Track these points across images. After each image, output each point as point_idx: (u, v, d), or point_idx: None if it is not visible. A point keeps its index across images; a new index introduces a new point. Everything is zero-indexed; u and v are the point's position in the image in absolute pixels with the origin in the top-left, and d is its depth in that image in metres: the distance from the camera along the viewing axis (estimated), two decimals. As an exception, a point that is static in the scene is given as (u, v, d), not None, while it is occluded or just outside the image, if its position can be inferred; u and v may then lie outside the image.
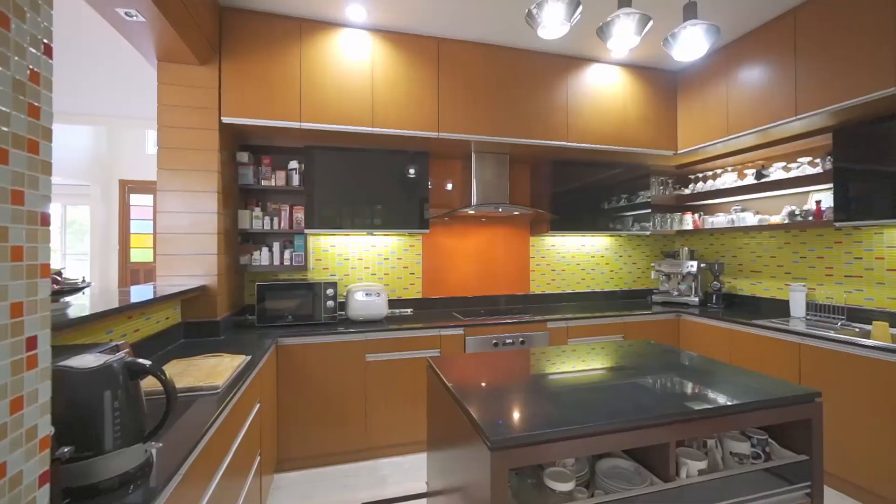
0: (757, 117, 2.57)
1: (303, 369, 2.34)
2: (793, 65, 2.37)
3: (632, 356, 1.76)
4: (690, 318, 2.99)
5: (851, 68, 2.10)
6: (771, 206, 3.01)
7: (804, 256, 2.81)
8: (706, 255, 3.55)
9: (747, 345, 2.57)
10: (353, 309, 2.60)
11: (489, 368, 1.60)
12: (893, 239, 2.36)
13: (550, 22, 1.52)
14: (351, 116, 2.49)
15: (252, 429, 1.68)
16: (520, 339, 2.67)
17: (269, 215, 2.71)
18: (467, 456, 1.19)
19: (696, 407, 1.20)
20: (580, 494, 1.14)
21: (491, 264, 3.30)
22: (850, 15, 2.11)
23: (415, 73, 2.60)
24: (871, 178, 2.20)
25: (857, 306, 2.52)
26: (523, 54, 2.81)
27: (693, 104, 3.03)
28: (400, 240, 3.10)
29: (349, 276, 2.99)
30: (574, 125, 2.90)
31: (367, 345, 2.43)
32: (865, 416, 2.01)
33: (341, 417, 2.40)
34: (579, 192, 3.17)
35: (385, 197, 2.75)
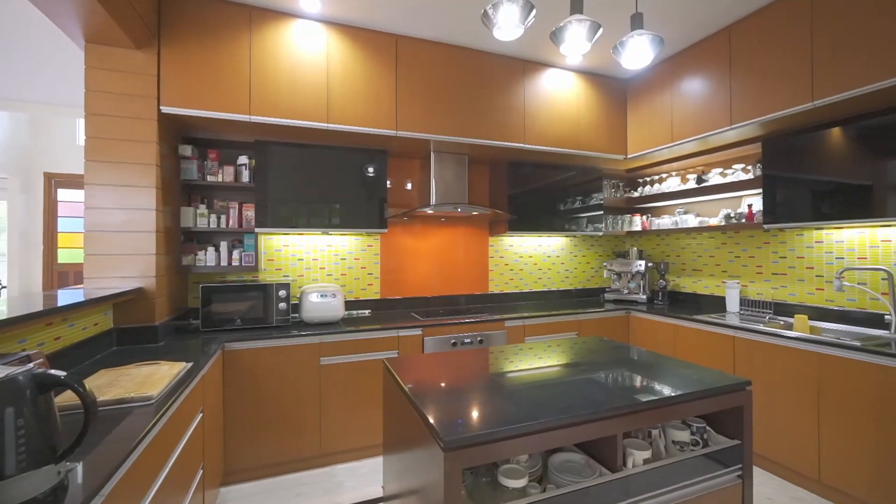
0: (697, 125, 2.75)
1: (252, 375, 2.22)
2: (728, 78, 2.56)
3: (584, 353, 1.82)
4: (639, 314, 3.14)
5: (776, 84, 2.30)
6: (710, 209, 3.22)
7: (738, 256, 3.04)
8: (653, 255, 3.75)
9: (689, 339, 2.74)
10: (308, 311, 2.51)
11: (446, 368, 1.59)
12: (812, 240, 2.60)
13: (506, 23, 1.53)
14: (305, 111, 2.40)
15: (193, 440, 1.57)
16: (478, 339, 2.69)
17: (216, 213, 2.55)
18: (422, 457, 1.17)
19: (642, 399, 1.26)
20: (533, 490, 1.16)
21: (450, 264, 3.30)
22: (775, 36, 2.30)
23: (373, 70, 2.55)
24: (794, 184, 2.41)
25: (783, 301, 2.75)
26: (482, 56, 2.83)
27: (641, 111, 3.19)
28: (358, 239, 3.03)
29: (304, 277, 2.88)
30: (531, 128, 2.96)
31: (322, 347, 2.35)
32: (788, 400, 2.20)
33: (295, 424, 2.31)
34: (536, 193, 3.24)
35: (342, 195, 2.68)
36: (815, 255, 2.59)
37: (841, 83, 2.02)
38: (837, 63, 2.04)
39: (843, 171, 2.20)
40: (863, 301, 2.37)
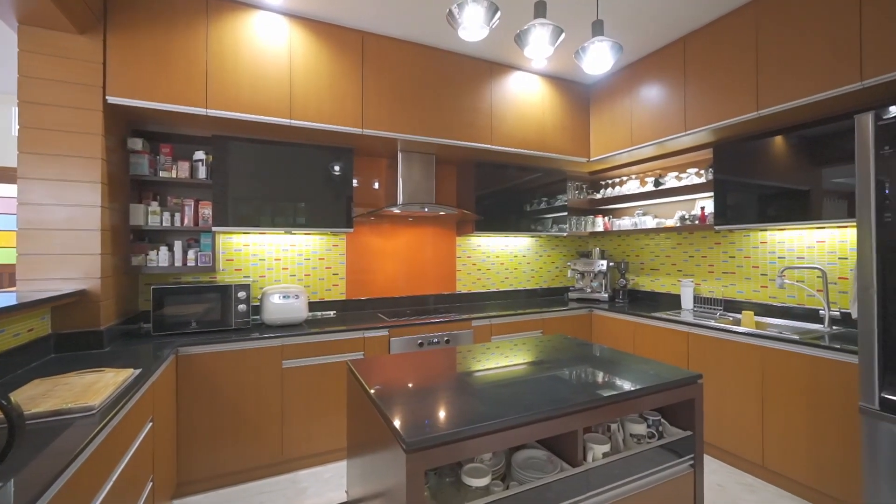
0: (655, 131, 2.87)
1: (209, 380, 2.12)
2: (683, 86, 2.69)
3: (548, 351, 1.86)
4: (601, 312, 3.24)
5: (726, 93, 2.43)
6: (666, 211, 3.38)
7: (692, 256, 3.20)
8: (615, 255, 3.89)
9: (647, 335, 2.86)
10: (269, 312, 2.42)
11: (411, 369, 1.58)
12: (757, 240, 2.78)
13: (470, 24, 1.54)
14: (266, 106, 2.32)
15: (142, 451, 1.48)
16: (445, 339, 2.69)
17: (170, 211, 2.42)
18: (385, 460, 1.15)
19: (601, 395, 1.29)
20: (496, 488, 1.17)
21: (418, 264, 3.29)
22: (725, 48, 2.43)
23: (338, 67, 2.50)
24: (742, 188, 2.56)
25: (732, 298, 2.92)
26: (449, 56, 2.84)
27: (603, 116, 3.29)
28: (322, 239, 2.96)
29: (265, 278, 2.78)
30: (498, 129, 2.99)
31: (285, 350, 2.28)
32: (736, 392, 2.33)
33: (255, 430, 2.22)
34: (503, 194, 3.28)
35: (307, 194, 2.61)
36: (760, 254, 2.76)
37: (782, 94, 2.17)
38: (779, 76, 2.18)
39: (785, 177, 2.36)
40: (801, 297, 2.55)
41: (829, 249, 2.42)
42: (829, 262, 2.42)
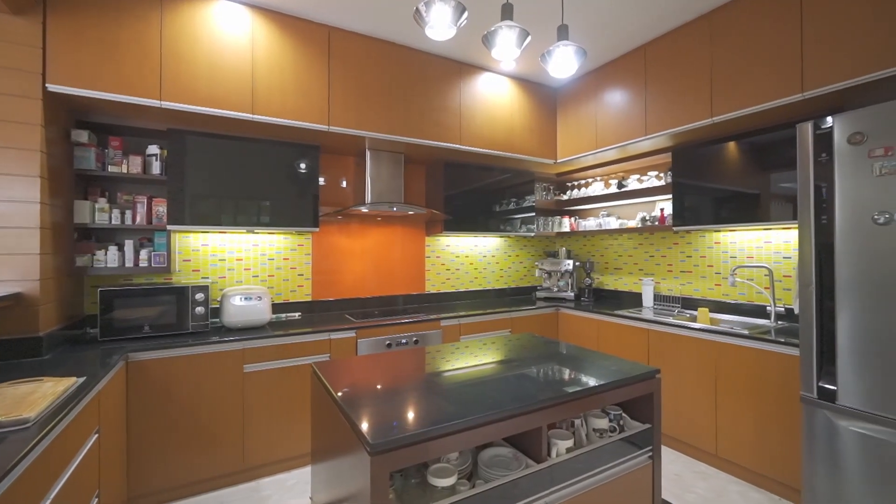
0: (618, 134, 2.97)
1: (164, 387, 2.01)
2: (644, 92, 2.79)
3: (516, 349, 1.88)
4: (567, 311, 3.32)
5: (683, 100, 2.55)
6: (629, 213, 3.50)
7: (652, 255, 3.33)
8: (580, 255, 3.99)
9: (611, 332, 2.95)
10: (230, 315, 2.32)
11: (377, 370, 1.56)
12: (712, 241, 2.93)
13: (438, 23, 1.53)
14: (227, 100, 2.22)
15: (86, 465, 1.38)
16: (413, 339, 2.67)
17: (120, 208, 2.28)
18: (349, 463, 1.13)
19: (565, 392, 1.32)
20: (462, 487, 1.17)
21: (386, 264, 3.25)
22: (682, 57, 2.55)
23: (303, 61, 2.43)
24: (698, 191, 2.69)
25: (689, 296, 3.06)
26: (419, 55, 2.82)
27: (569, 119, 3.37)
28: (287, 239, 2.87)
29: (226, 279, 2.67)
30: (467, 129, 3.01)
31: (246, 354, 2.19)
32: (692, 385, 2.45)
33: (214, 437, 2.12)
34: (472, 194, 3.30)
35: (270, 192, 2.52)
36: (714, 254, 2.91)
37: (733, 103, 2.29)
38: (731, 85, 2.31)
39: (737, 181, 2.50)
40: (751, 295, 2.71)
41: (776, 249, 2.58)
42: (776, 261, 2.58)
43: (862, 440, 1.67)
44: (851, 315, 1.70)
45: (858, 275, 1.68)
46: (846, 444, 1.71)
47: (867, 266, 1.66)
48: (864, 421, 1.66)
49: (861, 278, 1.67)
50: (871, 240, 1.65)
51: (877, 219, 1.64)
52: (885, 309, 1.61)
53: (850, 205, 1.70)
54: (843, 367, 1.72)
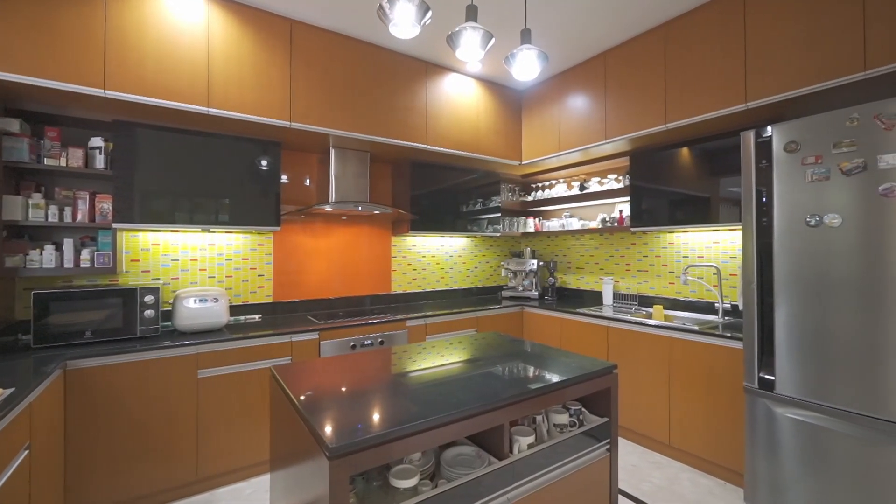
0: (580, 138, 3.06)
1: (108, 396, 1.88)
2: (604, 97, 2.89)
3: (481, 348, 1.89)
4: (531, 310, 3.39)
5: (640, 106, 2.66)
6: (590, 214, 3.62)
7: (612, 255, 3.46)
8: (544, 255, 4.09)
9: (573, 330, 3.04)
10: (183, 318, 2.20)
11: (339, 372, 1.52)
12: (667, 241, 3.07)
13: (402, 21, 1.52)
14: (180, 92, 2.11)
15: (14, 484, 1.26)
16: (379, 340, 2.64)
17: (58, 204, 2.11)
18: (308, 469, 1.10)
19: (527, 388, 1.34)
20: (424, 487, 1.16)
21: (351, 264, 3.20)
22: (638, 65, 2.66)
23: (264, 55, 2.35)
24: (654, 194, 2.82)
25: (646, 294, 3.20)
26: (385, 53, 2.79)
27: (534, 121, 3.44)
28: (246, 238, 2.76)
29: (179, 281, 2.53)
30: (433, 129, 3.00)
31: (201, 359, 2.09)
32: (648, 379, 2.56)
33: (165, 448, 2.01)
34: (439, 194, 3.30)
35: (228, 189, 2.42)
36: (668, 254, 3.06)
37: (685, 110, 2.42)
38: (683, 93, 2.43)
39: (690, 185, 2.63)
40: (701, 292, 2.87)
41: (724, 249, 2.75)
42: (723, 260, 2.74)
43: (797, 426, 1.80)
44: (787, 310, 1.83)
45: (793, 273, 1.82)
46: (783, 430, 1.84)
47: (800, 265, 1.80)
48: (799, 408, 1.80)
49: (795, 276, 1.81)
50: (804, 241, 1.79)
51: (808, 221, 1.77)
52: (816, 304, 1.75)
53: (787, 208, 1.84)
54: (781, 359, 1.85)
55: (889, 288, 1.58)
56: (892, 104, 1.58)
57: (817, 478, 1.74)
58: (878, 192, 1.60)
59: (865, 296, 1.63)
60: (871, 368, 1.61)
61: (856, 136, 1.66)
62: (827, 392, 1.72)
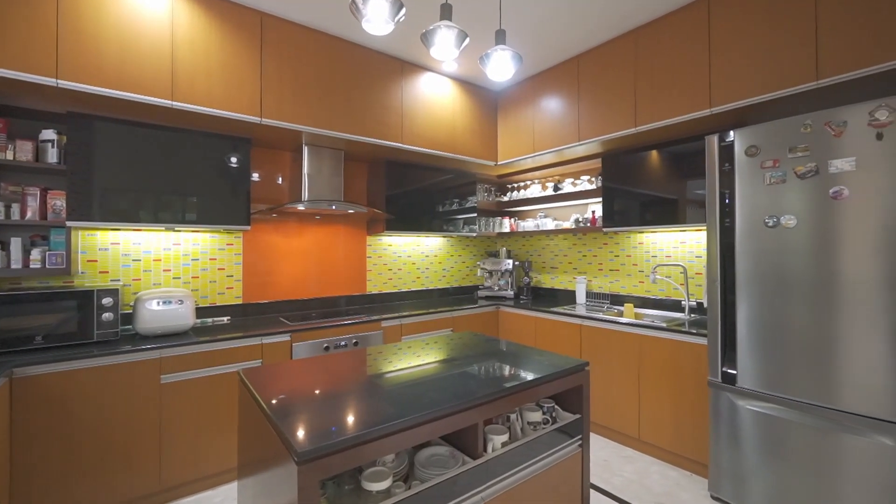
0: (554, 139, 3.11)
1: (61, 405, 1.77)
2: (577, 100, 2.95)
3: (457, 348, 1.89)
4: (507, 309, 3.42)
5: (611, 109, 2.73)
6: (564, 214, 3.68)
7: (585, 255, 3.53)
8: (520, 255, 4.13)
9: (547, 329, 3.08)
10: (145, 321, 2.10)
11: (311, 374, 1.49)
12: (637, 241, 3.16)
13: (375, 17, 1.50)
14: (141, 83, 2.01)
15: (-48, 502, 1.17)
16: (353, 341, 2.60)
17: (5, 200, 1.98)
18: (277, 476, 1.06)
19: (500, 387, 1.35)
20: (397, 490, 1.15)
21: (325, 265, 3.14)
22: (610, 70, 2.73)
23: (232, 48, 2.27)
24: (625, 195, 2.90)
25: (617, 293, 3.28)
26: (360, 50, 2.75)
27: (509, 122, 3.48)
28: (214, 237, 2.67)
29: (141, 282, 2.41)
30: (409, 128, 2.98)
31: (164, 363, 2.00)
32: (619, 375, 2.63)
33: (125, 458, 1.91)
34: (415, 194, 3.28)
35: (195, 186, 2.32)
36: (638, 253, 3.15)
37: (654, 114, 2.49)
38: (652, 98, 2.51)
39: (659, 186, 2.72)
40: (669, 291, 2.97)
41: (690, 249, 2.85)
42: (690, 259, 2.84)
43: (757, 417, 1.89)
44: (748, 307, 1.92)
45: (753, 271, 1.90)
46: (744, 422, 1.92)
47: (760, 264, 1.88)
48: (759, 400, 1.88)
49: (755, 274, 1.90)
50: (763, 241, 1.87)
51: (767, 222, 1.86)
52: (774, 301, 1.84)
53: (747, 209, 1.92)
54: (742, 354, 1.93)
55: (839, 285, 1.67)
56: (841, 112, 1.68)
57: (776, 466, 1.83)
58: (829, 195, 1.70)
59: (818, 292, 1.72)
60: (824, 361, 1.71)
61: (809, 142, 1.75)
62: (784, 384, 1.81)
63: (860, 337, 1.63)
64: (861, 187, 1.63)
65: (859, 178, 1.63)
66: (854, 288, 1.64)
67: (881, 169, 1.59)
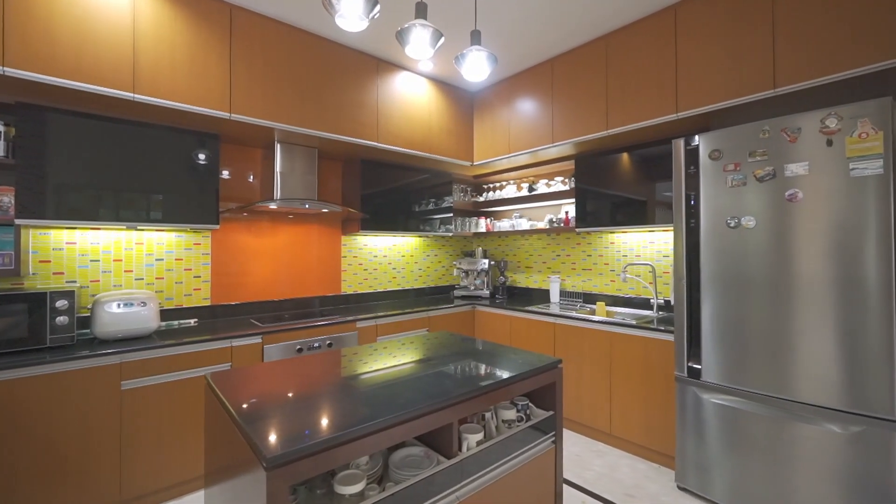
0: (529, 140, 3.15)
1: (8, 416, 1.66)
2: (551, 102, 3.00)
3: (432, 348, 1.89)
4: (482, 308, 3.44)
5: (584, 112, 2.79)
6: (538, 214, 3.74)
7: (559, 255, 3.60)
8: (495, 254, 4.17)
9: (522, 327, 3.12)
10: (104, 325, 2.00)
11: (282, 377, 1.45)
12: (608, 241, 3.25)
13: (348, 12, 1.48)
14: (99, 74, 1.91)
15: None
16: (327, 342, 2.55)
17: (-54, 196, 1.83)
18: (245, 483, 1.03)
19: (475, 386, 1.35)
20: (371, 492, 1.13)
21: (299, 265, 3.07)
22: (583, 73, 2.79)
23: (199, 40, 2.19)
24: (597, 196, 2.97)
25: (589, 291, 3.36)
26: (334, 47, 2.71)
27: (485, 123, 3.50)
28: (180, 237, 2.56)
29: (100, 283, 2.29)
30: (384, 127, 2.96)
31: (125, 368, 1.91)
32: (591, 372, 2.69)
33: (81, 469, 1.81)
34: (391, 193, 3.26)
35: (160, 183, 2.23)
36: (610, 253, 3.23)
37: (624, 117, 2.57)
38: (623, 101, 2.58)
39: (629, 188, 2.80)
40: (639, 289, 3.06)
41: (658, 249, 2.95)
42: (658, 259, 2.94)
43: (720, 410, 1.97)
44: (712, 304, 2.00)
45: (717, 270, 1.99)
46: (709, 414, 2.00)
47: (723, 263, 1.97)
48: (722, 393, 1.97)
49: (718, 273, 1.98)
50: (725, 241, 1.96)
51: (729, 223, 1.95)
52: (735, 299, 1.93)
53: (711, 211, 2.00)
54: (707, 349, 2.02)
55: (793, 282, 1.77)
56: (795, 119, 1.77)
57: (737, 456, 1.91)
58: (784, 198, 1.79)
59: (775, 290, 1.82)
60: (780, 355, 1.80)
61: (767, 147, 1.84)
62: (744, 378, 1.90)
63: (812, 332, 1.72)
64: (813, 190, 1.73)
65: (812, 182, 1.73)
66: (807, 285, 1.74)
67: (831, 173, 1.69)
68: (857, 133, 1.63)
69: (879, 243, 1.59)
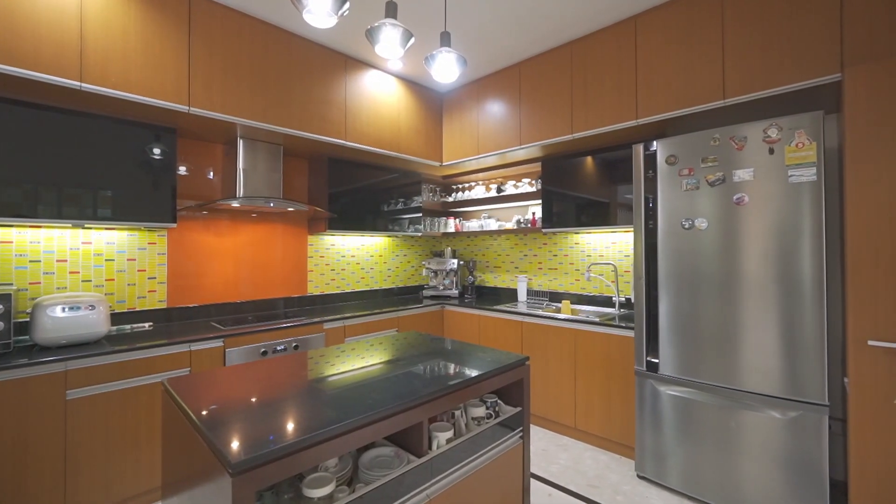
0: (497, 142, 3.20)
1: (-66, 431, 1.51)
2: (518, 105, 3.06)
3: (402, 348, 1.88)
4: (451, 308, 3.46)
5: (550, 116, 2.87)
6: (506, 215, 3.81)
7: (526, 255, 3.68)
8: (464, 254, 4.20)
9: (490, 326, 3.17)
10: (45, 330, 1.86)
11: (247, 381, 1.41)
12: (573, 242, 3.35)
13: (317, 8, 1.45)
14: (42, 60, 1.77)
15: None
16: (293, 345, 2.49)
17: None
18: (209, 491, 0.99)
19: (444, 385, 1.36)
20: (340, 494, 1.12)
21: (263, 265, 2.97)
22: (549, 78, 2.87)
23: (154, 29, 2.07)
24: (562, 198, 3.06)
25: (556, 290, 3.46)
26: (301, 41, 2.64)
27: (454, 124, 3.53)
28: (133, 235, 2.42)
29: (41, 286, 2.13)
30: (352, 125, 2.92)
31: (71, 376, 1.78)
32: (557, 369, 2.77)
33: (20, 486, 1.67)
34: (359, 192, 3.22)
35: (110, 179, 2.09)
36: (575, 253, 3.34)
37: (588, 122, 2.66)
38: (585, 107, 2.67)
39: (593, 190, 2.90)
40: (602, 288, 3.18)
41: (620, 249, 3.07)
42: (619, 258, 3.07)
43: (675, 401, 2.08)
44: (668, 301, 2.11)
45: (672, 269, 2.10)
46: (665, 406, 2.11)
47: (678, 262, 2.08)
48: (677, 385, 2.08)
49: (674, 272, 2.09)
50: (680, 241, 2.07)
51: (684, 224, 2.06)
52: (689, 296, 2.04)
53: (668, 213, 2.12)
54: (663, 344, 2.13)
55: (740, 280, 1.90)
56: (742, 129, 1.91)
57: (690, 444, 2.03)
58: (733, 201, 1.92)
59: (724, 287, 1.94)
60: (728, 348, 1.93)
61: (717, 154, 1.97)
62: (697, 370, 2.02)
63: (756, 326, 1.86)
64: (758, 195, 1.86)
65: (756, 187, 1.87)
66: (752, 282, 1.87)
67: (773, 179, 1.83)
68: (794, 143, 1.78)
69: (812, 244, 1.74)
